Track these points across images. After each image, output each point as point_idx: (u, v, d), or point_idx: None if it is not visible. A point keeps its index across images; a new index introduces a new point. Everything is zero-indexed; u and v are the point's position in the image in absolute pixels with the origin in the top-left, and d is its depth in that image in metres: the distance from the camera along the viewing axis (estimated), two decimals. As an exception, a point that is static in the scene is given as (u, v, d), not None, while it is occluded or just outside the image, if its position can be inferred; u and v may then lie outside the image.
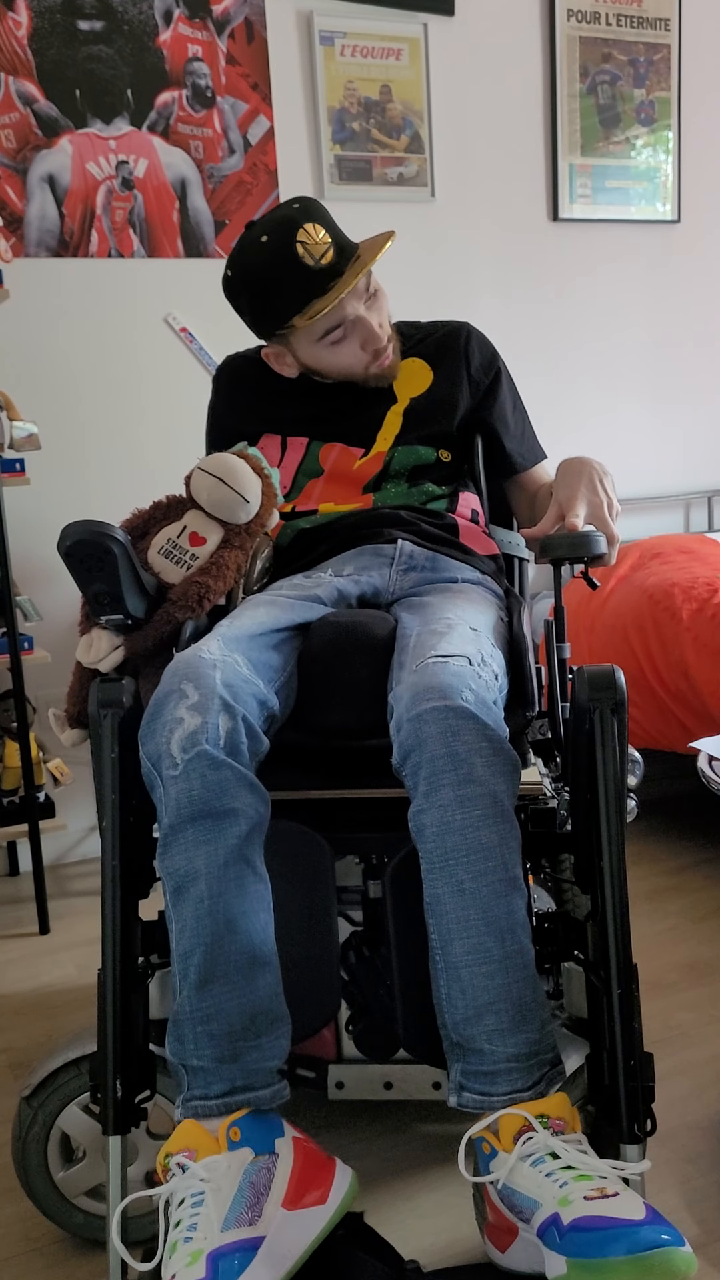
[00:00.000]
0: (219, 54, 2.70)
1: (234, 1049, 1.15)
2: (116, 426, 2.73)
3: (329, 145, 2.85)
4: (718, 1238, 1.34)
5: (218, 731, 1.19)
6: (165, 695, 1.22)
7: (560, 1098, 1.13)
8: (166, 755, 1.19)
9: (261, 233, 1.54)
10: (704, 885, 2.38)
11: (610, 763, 1.20)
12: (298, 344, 1.62)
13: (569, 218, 3.19)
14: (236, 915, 1.17)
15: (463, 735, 1.16)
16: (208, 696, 1.20)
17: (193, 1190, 1.06)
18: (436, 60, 2.94)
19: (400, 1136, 1.57)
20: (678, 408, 3.48)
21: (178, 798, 1.18)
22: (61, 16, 2.53)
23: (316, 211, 1.55)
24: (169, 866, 1.19)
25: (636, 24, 3.18)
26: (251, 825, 1.20)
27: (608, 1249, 0.95)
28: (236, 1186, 1.06)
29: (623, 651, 2.58)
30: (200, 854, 1.17)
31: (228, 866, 1.18)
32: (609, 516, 1.47)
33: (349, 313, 1.57)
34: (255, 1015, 1.16)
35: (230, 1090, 1.14)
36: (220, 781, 1.18)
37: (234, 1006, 1.15)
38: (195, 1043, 1.15)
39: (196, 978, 1.15)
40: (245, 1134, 1.10)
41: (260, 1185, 1.07)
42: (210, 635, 1.32)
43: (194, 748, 1.18)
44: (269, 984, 1.18)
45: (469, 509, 1.71)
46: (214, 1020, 1.15)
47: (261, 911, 1.20)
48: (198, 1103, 1.14)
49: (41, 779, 2.43)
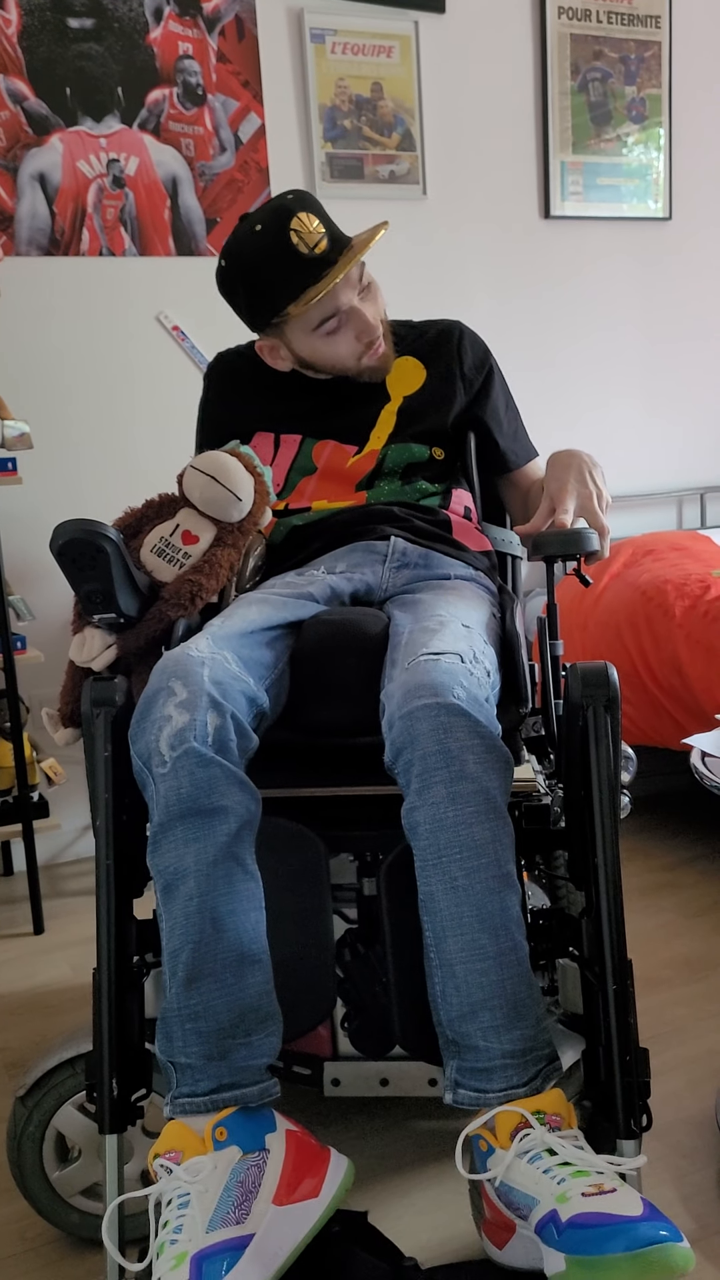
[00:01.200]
0: (210, 51, 2.70)
1: (222, 1046, 1.14)
2: (108, 425, 2.73)
3: (320, 143, 2.84)
4: (714, 1232, 1.34)
5: (206, 729, 1.19)
6: (154, 693, 1.22)
7: (556, 1094, 1.13)
8: (156, 753, 1.19)
9: (255, 223, 1.55)
10: (698, 881, 2.39)
11: (604, 759, 1.20)
12: (292, 335, 1.61)
13: (561, 215, 3.19)
14: (225, 913, 1.17)
15: (454, 732, 1.16)
16: (196, 694, 1.20)
17: (179, 1191, 1.06)
18: (427, 58, 2.94)
19: (396, 1133, 1.57)
20: (670, 404, 3.48)
21: (167, 795, 1.18)
22: (51, 14, 2.53)
23: (309, 202, 1.55)
24: (159, 864, 1.19)
25: (627, 21, 3.18)
26: (241, 823, 1.20)
27: (606, 1246, 0.95)
28: (223, 1186, 1.06)
29: (616, 648, 2.59)
30: (189, 851, 1.17)
31: (217, 864, 1.17)
32: (598, 508, 1.48)
33: (343, 302, 1.57)
34: (245, 1013, 1.16)
35: (218, 1088, 1.14)
36: (209, 779, 1.18)
37: (222, 1004, 1.15)
38: (183, 1040, 1.15)
39: (185, 975, 1.15)
40: (232, 1133, 1.10)
41: (249, 1183, 1.06)
42: (199, 633, 1.32)
43: (182, 745, 1.18)
44: (259, 982, 1.18)
45: (462, 506, 1.71)
46: (202, 1018, 1.15)
47: (252, 910, 1.20)
48: (185, 1100, 1.14)
49: (35, 778, 2.42)
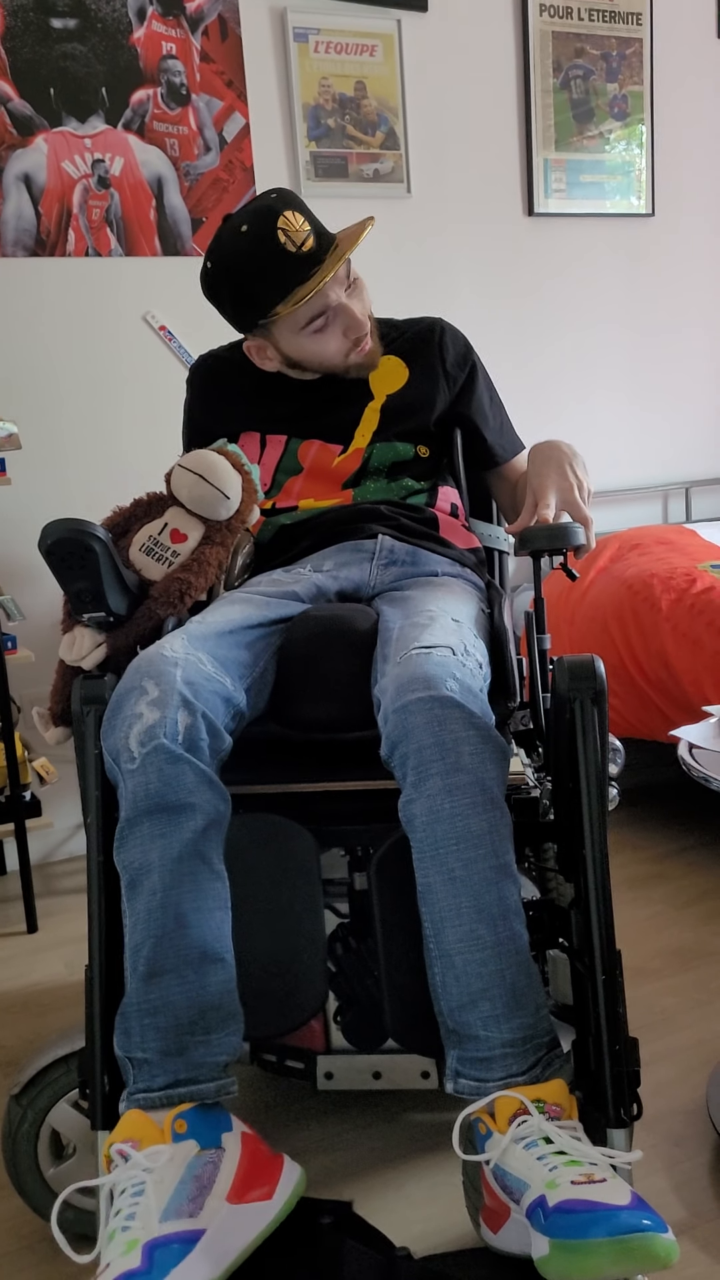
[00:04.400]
0: (193, 51, 2.70)
1: (180, 1043, 1.14)
2: (96, 425, 2.73)
3: (304, 142, 2.85)
4: (705, 1220, 1.36)
5: (176, 727, 1.19)
6: (126, 691, 1.22)
7: (558, 1084, 1.14)
8: (125, 750, 1.19)
9: (240, 223, 1.54)
10: (686, 872, 2.40)
11: (591, 751, 1.21)
12: (279, 335, 1.62)
13: (544, 212, 3.20)
14: (189, 910, 1.17)
15: (449, 724, 1.17)
16: (167, 693, 1.20)
17: (134, 1180, 1.05)
18: (410, 56, 2.95)
19: (389, 1126, 1.58)
20: (655, 399, 3.50)
21: (134, 791, 1.18)
22: (35, 14, 2.53)
23: (294, 200, 1.55)
24: (124, 859, 1.19)
25: (608, 18, 3.19)
26: (209, 821, 1.20)
27: (589, 1231, 0.96)
28: (179, 1178, 1.05)
29: (603, 642, 2.60)
30: (154, 847, 1.17)
31: (181, 861, 1.17)
32: (580, 499, 1.49)
33: (332, 299, 1.57)
34: (205, 1010, 1.15)
35: (174, 1083, 1.13)
36: (177, 776, 1.18)
37: (182, 1000, 1.15)
38: (141, 1035, 1.15)
39: (145, 970, 1.15)
40: (191, 1127, 1.10)
41: (205, 1178, 1.06)
42: (175, 633, 1.32)
43: (151, 741, 1.18)
44: (221, 981, 1.17)
45: (448, 503, 1.72)
46: (160, 1013, 1.14)
47: (217, 909, 1.20)
48: (141, 1095, 1.13)
49: (27, 778, 2.43)
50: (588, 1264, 0.95)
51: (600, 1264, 0.95)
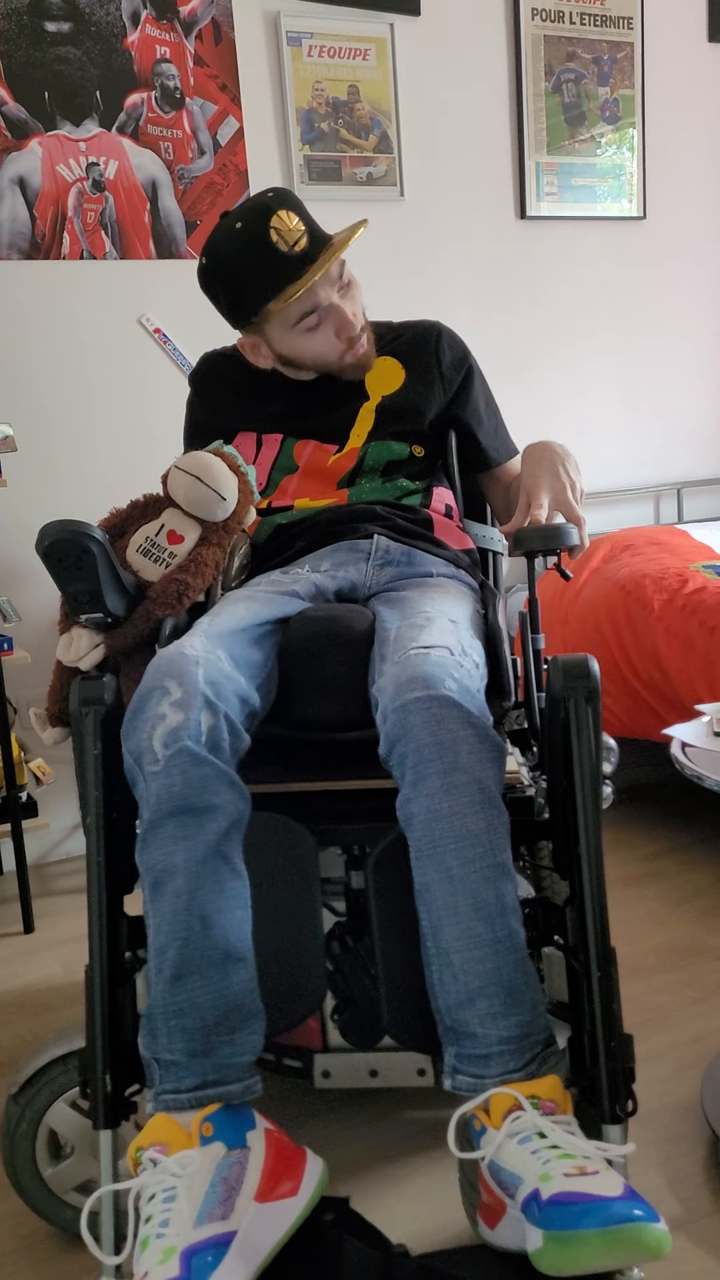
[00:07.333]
0: (187, 55, 2.71)
1: (207, 1043, 1.15)
2: (92, 427, 2.74)
3: (298, 145, 2.86)
4: (700, 1215, 1.37)
5: (200, 728, 1.20)
6: (148, 691, 1.23)
7: (552, 1080, 1.15)
8: (148, 751, 1.20)
9: (235, 220, 1.56)
10: (680, 870, 2.42)
11: (586, 750, 1.22)
12: (272, 332, 1.63)
13: (536, 215, 3.22)
14: (213, 911, 1.18)
15: (447, 723, 1.18)
16: (190, 693, 1.21)
17: (165, 1185, 1.06)
18: (403, 60, 2.96)
19: (386, 1123, 1.59)
20: (647, 401, 3.51)
21: (158, 793, 1.19)
22: (29, 18, 2.53)
23: (290, 200, 1.57)
24: (147, 861, 1.20)
25: (600, 23, 3.21)
26: (231, 822, 1.21)
27: (581, 1222, 0.97)
28: (209, 1182, 1.06)
29: (596, 642, 2.61)
30: (178, 849, 1.18)
31: (205, 862, 1.18)
32: (573, 499, 1.50)
33: (322, 299, 1.58)
34: (229, 1010, 1.16)
35: (202, 1084, 1.14)
36: (201, 778, 1.19)
37: (208, 1001, 1.16)
38: (168, 1037, 1.15)
39: (171, 972, 1.16)
40: (218, 1129, 1.11)
41: (232, 1180, 1.07)
42: (193, 631, 1.32)
43: (176, 744, 1.19)
44: (244, 980, 1.18)
45: (443, 504, 1.73)
46: (187, 1015, 1.15)
47: (238, 908, 1.21)
48: (169, 1096, 1.14)
49: (23, 779, 2.43)
50: (580, 1255, 0.96)
51: (593, 1254, 0.96)
